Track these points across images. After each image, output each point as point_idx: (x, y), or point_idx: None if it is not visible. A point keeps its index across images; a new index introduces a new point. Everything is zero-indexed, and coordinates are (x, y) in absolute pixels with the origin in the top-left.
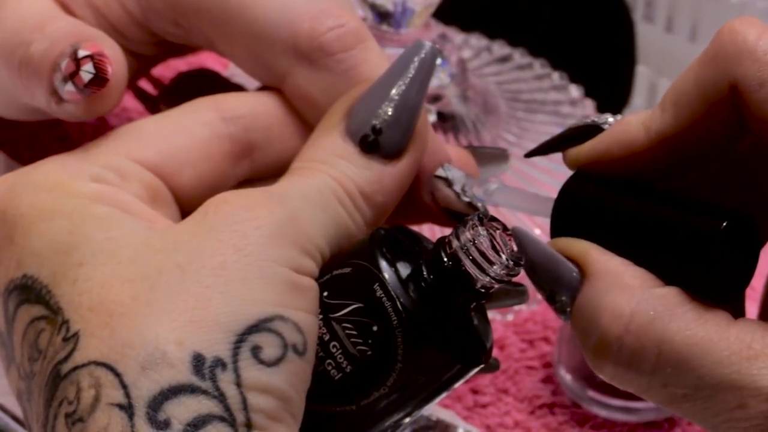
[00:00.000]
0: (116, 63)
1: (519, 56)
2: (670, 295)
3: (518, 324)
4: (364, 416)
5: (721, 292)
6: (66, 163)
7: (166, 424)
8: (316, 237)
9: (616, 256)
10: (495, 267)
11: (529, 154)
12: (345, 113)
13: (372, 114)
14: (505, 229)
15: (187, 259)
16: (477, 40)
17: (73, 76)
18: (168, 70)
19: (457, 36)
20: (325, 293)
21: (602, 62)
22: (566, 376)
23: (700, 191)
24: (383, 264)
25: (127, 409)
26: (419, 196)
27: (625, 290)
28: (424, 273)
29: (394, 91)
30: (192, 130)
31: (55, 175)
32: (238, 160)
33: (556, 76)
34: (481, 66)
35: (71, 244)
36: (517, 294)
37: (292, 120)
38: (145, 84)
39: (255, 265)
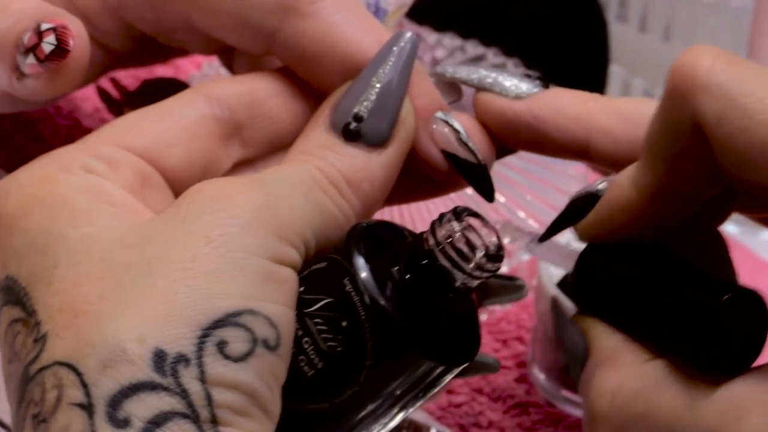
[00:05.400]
0: (78, 38)
1: (492, 56)
2: (658, 367)
3: (492, 324)
4: (339, 415)
5: (724, 365)
6: (55, 157)
7: (126, 422)
8: (298, 225)
9: (617, 333)
10: (471, 264)
11: (543, 238)
12: (331, 108)
13: (353, 103)
14: (484, 222)
15: (157, 253)
16: (450, 40)
17: (34, 48)
18: (137, 82)
19: (430, 36)
20: (302, 288)
21: (575, 62)
22: (540, 376)
23: (705, 247)
24: (357, 259)
25: (88, 408)
26: (417, 139)
27: (615, 366)
28: (402, 270)
29: (375, 80)
30: (177, 113)
31: (42, 169)
32: (227, 139)
33: None
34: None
35: (47, 243)
36: (516, 288)
37: (279, 97)
38: (110, 89)
39: (227, 256)
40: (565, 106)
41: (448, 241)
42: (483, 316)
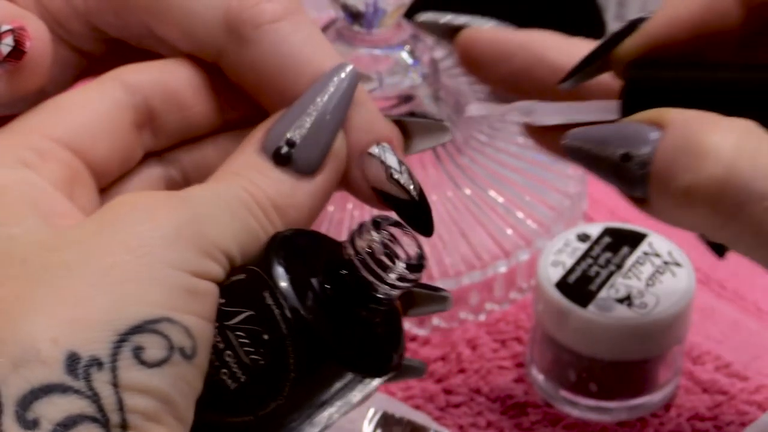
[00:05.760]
0: (37, 39)
1: None
2: (753, 123)
3: (490, 324)
4: (263, 427)
5: None
6: None
7: (35, 423)
8: (223, 241)
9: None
10: (392, 275)
11: (568, 77)
12: (264, 131)
13: (287, 128)
14: (404, 231)
15: (77, 259)
16: None
17: None
18: None
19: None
20: (223, 300)
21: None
22: (538, 376)
23: None
24: (277, 270)
25: None
26: (349, 174)
27: (713, 118)
28: (322, 281)
29: (311, 108)
30: (98, 103)
31: None
32: (140, 128)
33: None
34: (452, 66)
35: None
36: (441, 299)
37: (193, 87)
38: None
39: (147, 266)
40: (555, 35)
41: (368, 251)
42: (481, 317)
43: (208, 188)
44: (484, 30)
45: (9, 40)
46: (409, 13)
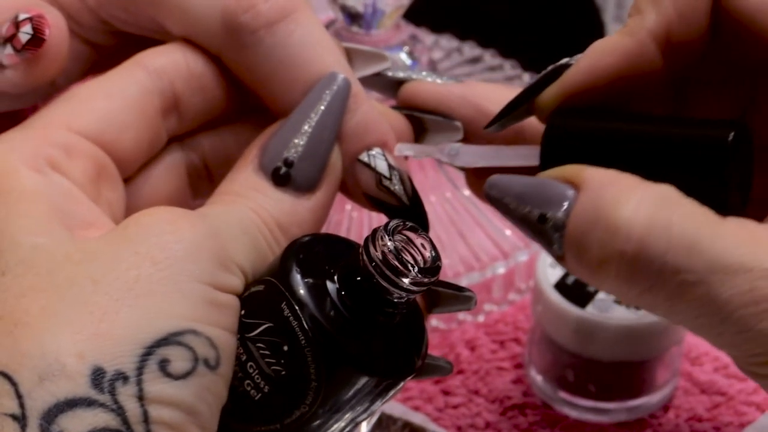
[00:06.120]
0: (55, 27)
1: (490, 57)
2: (669, 189)
3: (489, 325)
4: None
5: (728, 203)
6: (17, 144)
7: None
8: (238, 255)
9: (608, 169)
10: (406, 280)
11: (493, 122)
12: (259, 149)
13: (284, 147)
14: (418, 234)
15: (102, 272)
16: (448, 41)
17: (12, 39)
18: None
19: (427, 37)
20: (242, 312)
21: None
22: (537, 377)
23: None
24: (294, 281)
25: (20, 419)
26: (343, 180)
27: (627, 186)
28: (339, 287)
29: (305, 125)
30: (122, 90)
31: (5, 161)
32: (167, 114)
33: (526, 77)
34: (452, 67)
35: (0, 248)
36: (465, 299)
37: (213, 71)
38: None
39: (171, 279)
40: (493, 87)
41: (381, 258)
42: (480, 318)
43: (220, 209)
44: (426, 84)
45: (28, 28)
46: (409, 14)
